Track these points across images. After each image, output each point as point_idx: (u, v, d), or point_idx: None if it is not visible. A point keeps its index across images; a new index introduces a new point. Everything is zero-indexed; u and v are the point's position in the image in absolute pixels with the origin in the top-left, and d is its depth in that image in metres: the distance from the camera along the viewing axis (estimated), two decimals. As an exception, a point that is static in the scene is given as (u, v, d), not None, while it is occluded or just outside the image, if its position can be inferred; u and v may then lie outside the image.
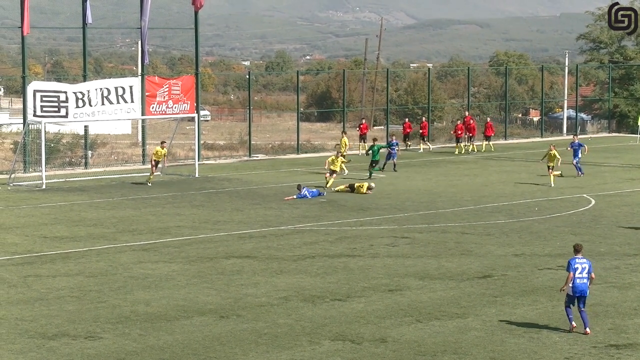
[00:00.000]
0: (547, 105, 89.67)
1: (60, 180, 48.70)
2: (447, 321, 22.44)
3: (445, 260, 29.29)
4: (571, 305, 21.30)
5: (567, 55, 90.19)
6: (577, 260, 21.14)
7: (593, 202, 40.90)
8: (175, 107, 54.42)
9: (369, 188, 43.75)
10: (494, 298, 24.66)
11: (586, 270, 21.09)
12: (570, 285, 21.07)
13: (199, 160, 53.37)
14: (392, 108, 75.80)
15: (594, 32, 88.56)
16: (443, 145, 68.97)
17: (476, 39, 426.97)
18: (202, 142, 60.47)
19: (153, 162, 47.00)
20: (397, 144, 53.48)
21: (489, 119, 69.45)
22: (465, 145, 62.84)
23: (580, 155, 49.73)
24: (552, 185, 45.52)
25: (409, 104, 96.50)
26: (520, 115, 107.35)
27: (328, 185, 44.50)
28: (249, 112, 65.82)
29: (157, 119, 59.78)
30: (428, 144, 65.81)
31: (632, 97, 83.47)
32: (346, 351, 20.23)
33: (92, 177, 50.37)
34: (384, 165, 51.62)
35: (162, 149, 47.06)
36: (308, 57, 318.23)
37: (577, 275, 20.99)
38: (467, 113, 67.14)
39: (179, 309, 23.49)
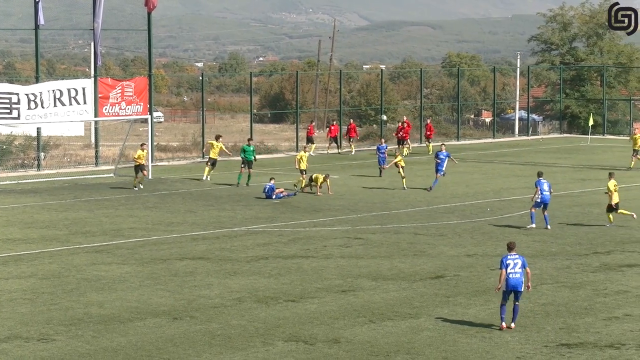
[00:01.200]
0: (499, 106, 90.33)
1: (13, 182, 48.47)
2: (400, 321, 22.52)
3: (398, 260, 29.38)
4: (506, 304, 21.50)
5: (518, 57, 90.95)
6: (509, 257, 21.48)
7: None
8: (128, 109, 54.29)
9: (326, 177, 43.85)
10: (447, 298, 24.76)
11: (519, 266, 21.35)
12: (505, 282, 21.35)
13: (152, 162, 53.16)
14: (345, 109, 75.78)
15: (545, 34, 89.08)
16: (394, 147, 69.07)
17: (429, 41, 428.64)
18: (155, 143, 60.24)
19: (138, 164, 45.93)
20: (385, 147, 52.64)
21: (428, 121, 69.16)
22: (400, 149, 61.58)
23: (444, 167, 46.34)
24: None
25: (362, 105, 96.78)
26: (472, 117, 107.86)
27: (303, 186, 44.44)
28: (202, 113, 65.79)
29: (110, 121, 59.37)
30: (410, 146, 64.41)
31: (583, 98, 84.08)
32: (299, 352, 20.25)
33: (44, 179, 50.13)
34: (380, 172, 50.59)
35: (143, 151, 46.56)
36: (261, 59, 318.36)
37: (509, 270, 21.31)
38: (405, 118, 67.00)
39: (132, 311, 23.41)
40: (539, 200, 24.26)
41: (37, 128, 54.71)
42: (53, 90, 51.42)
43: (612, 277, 27.06)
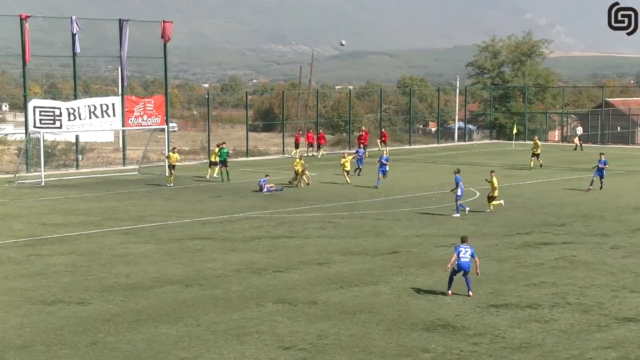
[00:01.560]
0: (442, 118, 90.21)
1: (56, 178, 48.17)
2: (364, 287, 22.53)
3: (362, 240, 29.38)
4: (454, 276, 21.53)
5: (458, 79, 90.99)
6: (461, 246, 21.47)
7: (478, 194, 41.04)
8: (149, 120, 53.99)
9: (304, 170, 44.07)
10: (400, 269, 24.77)
11: (469, 253, 21.35)
12: (457, 264, 21.36)
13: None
14: (321, 121, 75.67)
15: (479, 61, 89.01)
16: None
17: (387, 66, 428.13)
18: (171, 148, 59.96)
19: (170, 165, 45.91)
20: (363, 152, 52.16)
21: (383, 130, 68.73)
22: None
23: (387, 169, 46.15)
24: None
25: (335, 117, 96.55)
26: (421, 126, 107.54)
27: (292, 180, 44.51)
28: (208, 124, 65.58)
29: (134, 130, 59.03)
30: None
31: (509, 112, 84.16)
32: (285, 311, 20.24)
33: (82, 176, 49.90)
34: (359, 172, 49.50)
35: (174, 154, 46.55)
36: (255, 81, 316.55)
37: (461, 256, 21.29)
38: (363, 128, 66.91)
39: (153, 280, 23.35)
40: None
41: (76, 135, 54.42)
42: (88, 106, 51.06)
43: (531, 253, 27.11)
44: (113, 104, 52.30)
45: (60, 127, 49.96)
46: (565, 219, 33.56)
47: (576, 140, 69.89)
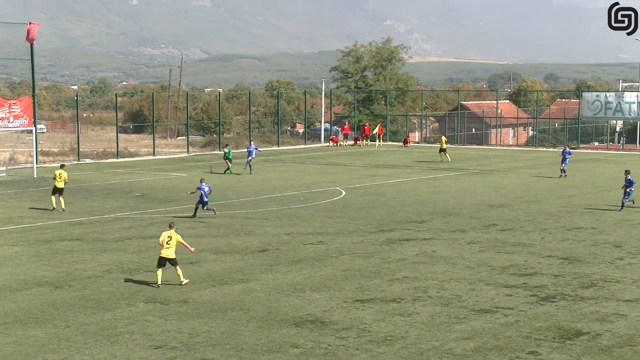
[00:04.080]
0: (309, 120, 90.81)
1: None
2: (235, 285, 22.43)
3: (233, 238, 29.25)
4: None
5: (323, 83, 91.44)
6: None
7: (344, 193, 41.39)
8: (16, 122, 52.11)
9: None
10: (270, 267, 24.75)
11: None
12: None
13: (36, 164, 51.47)
14: (191, 123, 75.05)
15: (343, 65, 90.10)
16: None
17: (255, 70, 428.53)
18: (39, 149, 58.26)
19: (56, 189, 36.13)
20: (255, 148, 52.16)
21: (367, 124, 76.30)
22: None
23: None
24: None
25: (205, 119, 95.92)
26: (289, 128, 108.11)
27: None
28: (77, 125, 64.21)
29: (1, 131, 57.05)
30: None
31: (372, 114, 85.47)
32: (157, 310, 19.93)
33: None
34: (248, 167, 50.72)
35: (63, 171, 36.81)
36: (124, 83, 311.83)
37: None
38: (346, 121, 68.94)
39: (21, 282, 22.57)
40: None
41: None
42: None
43: (394, 249, 27.48)
44: (-25, 106, 50.32)
45: None
46: (425, 216, 34.22)
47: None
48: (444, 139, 59.87)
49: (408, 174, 50.90)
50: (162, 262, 22.12)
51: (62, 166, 38.02)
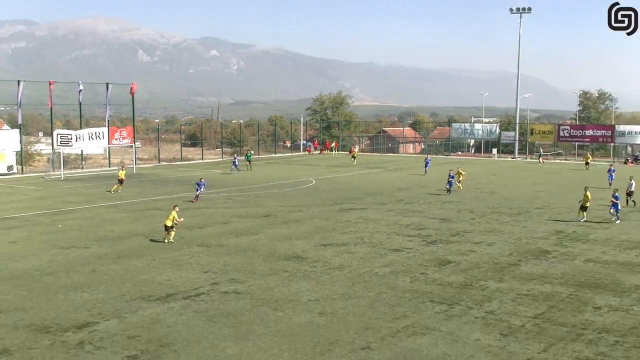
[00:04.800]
0: (294, 138, 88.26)
1: (70, 175, 45.99)
2: (250, 236, 21.91)
3: (249, 209, 27.88)
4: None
5: (302, 117, 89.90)
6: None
7: (314, 182, 40.79)
8: (124, 141, 52.97)
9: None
10: (271, 225, 24.07)
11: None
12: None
13: (135, 165, 51.11)
14: (224, 141, 73.46)
15: (314, 106, 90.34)
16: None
17: (262, 110, 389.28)
18: (137, 156, 56.52)
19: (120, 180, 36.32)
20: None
21: (328, 141, 72.62)
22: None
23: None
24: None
25: (232, 139, 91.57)
26: (282, 143, 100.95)
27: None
28: (158, 142, 61.75)
29: (114, 146, 56.78)
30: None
31: (330, 135, 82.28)
32: (204, 251, 20.16)
33: (84, 174, 47.21)
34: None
35: (123, 170, 37.04)
36: (185, 118, 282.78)
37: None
38: (315, 139, 67.65)
39: (127, 233, 23.18)
40: None
41: (81, 150, 52.38)
42: (89, 132, 49.47)
43: (343, 215, 26.55)
44: (102, 132, 51.58)
45: (72, 146, 49.25)
46: (362, 195, 34.32)
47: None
48: (355, 149, 60.27)
49: (352, 170, 50.05)
50: (166, 228, 21.83)
51: (122, 168, 37.91)
